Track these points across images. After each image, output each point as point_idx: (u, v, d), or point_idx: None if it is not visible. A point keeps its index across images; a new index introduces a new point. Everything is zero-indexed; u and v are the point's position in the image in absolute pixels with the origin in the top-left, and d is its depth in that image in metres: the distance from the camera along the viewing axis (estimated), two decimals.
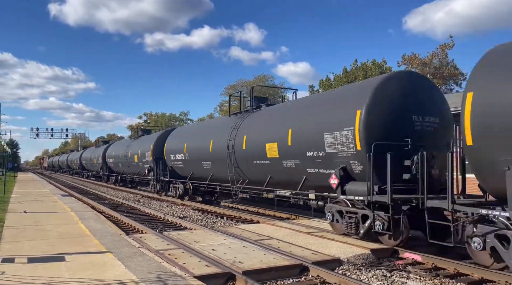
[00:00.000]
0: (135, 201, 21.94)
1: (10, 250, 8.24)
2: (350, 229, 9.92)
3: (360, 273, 7.52)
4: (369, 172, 9.10)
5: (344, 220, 10.02)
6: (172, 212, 17.30)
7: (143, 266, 7.02)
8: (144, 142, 27.76)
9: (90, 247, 8.65)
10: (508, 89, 6.63)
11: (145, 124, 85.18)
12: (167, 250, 8.51)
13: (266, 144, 13.17)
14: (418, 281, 7.11)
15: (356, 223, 9.79)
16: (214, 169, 17.33)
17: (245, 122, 15.33)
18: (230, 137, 15.43)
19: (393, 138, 9.17)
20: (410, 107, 9.58)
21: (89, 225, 11.64)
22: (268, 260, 7.72)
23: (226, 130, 15.97)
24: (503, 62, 7.07)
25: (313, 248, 8.80)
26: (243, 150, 14.63)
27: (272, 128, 13.20)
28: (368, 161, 9.04)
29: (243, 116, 15.89)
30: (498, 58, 7.25)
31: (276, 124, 13.14)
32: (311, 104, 12.29)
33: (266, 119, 14.21)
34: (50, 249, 8.41)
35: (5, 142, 36.06)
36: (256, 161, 13.96)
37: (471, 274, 7.39)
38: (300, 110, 12.39)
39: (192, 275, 6.63)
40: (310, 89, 44.18)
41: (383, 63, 39.08)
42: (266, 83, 58.04)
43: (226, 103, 63.20)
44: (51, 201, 19.38)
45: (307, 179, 11.72)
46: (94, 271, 6.69)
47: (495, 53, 7.41)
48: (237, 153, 15.06)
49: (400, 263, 8.21)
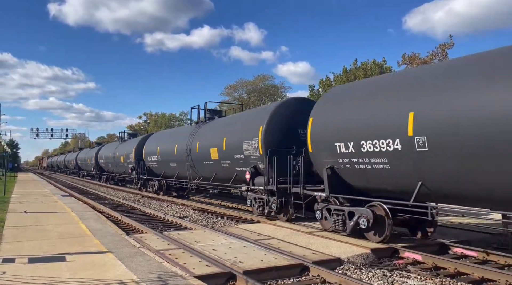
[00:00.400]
0: (135, 201, 21.95)
1: (11, 250, 8.25)
2: (260, 211, 13.61)
3: (360, 272, 7.53)
4: (265, 169, 12.99)
5: (256, 204, 13.81)
6: (172, 212, 17.31)
7: (143, 266, 7.03)
8: (128, 145, 31.28)
9: (91, 247, 8.66)
10: (323, 117, 10.47)
11: (145, 124, 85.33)
12: (168, 250, 8.52)
13: (210, 149, 16.85)
14: (419, 280, 7.12)
15: (262, 206, 13.43)
16: (179, 168, 20.86)
17: (199, 130, 19.02)
18: (188, 142, 19.11)
19: (283, 145, 12.82)
20: (296, 123, 13.01)
21: (90, 225, 11.65)
22: (268, 260, 7.73)
23: (186, 137, 19.65)
24: (328, 100, 10.97)
25: (313, 247, 8.81)
26: (196, 153, 18.26)
27: (215, 137, 16.91)
28: (265, 161, 12.79)
29: (199, 126, 19.60)
30: (327, 96, 11.27)
31: (217, 133, 16.90)
32: (237, 120, 16.63)
33: (212, 129, 17.98)
34: (50, 249, 8.42)
35: (5, 142, 36.02)
36: (205, 162, 17.62)
37: (472, 273, 7.40)
38: (231, 124, 16.57)
39: (192, 275, 6.64)
40: (310, 89, 44.15)
41: (383, 63, 39.10)
42: (266, 83, 58.05)
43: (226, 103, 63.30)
44: (51, 201, 19.39)
45: (237, 175, 15.35)
46: (94, 271, 6.70)
47: (328, 93, 11.61)
48: (193, 155, 18.67)
49: (400, 262, 8.22)
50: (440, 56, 34.05)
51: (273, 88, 58.25)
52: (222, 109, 43.83)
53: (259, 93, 57.31)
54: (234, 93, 59.35)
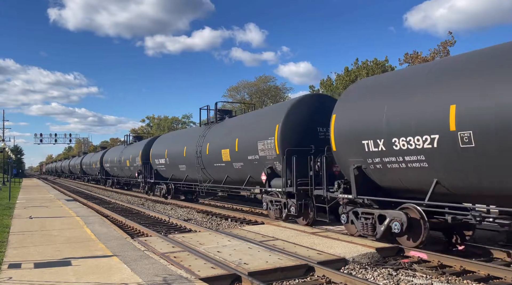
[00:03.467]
0: (140, 205, 22.00)
1: (17, 256, 8.28)
2: (277, 215, 12.98)
3: (365, 272, 7.52)
4: (283, 170, 12.26)
5: (273, 207, 13.12)
6: (176, 214, 17.34)
7: (149, 269, 7.04)
8: (134, 148, 30.88)
9: (96, 251, 8.68)
10: (349, 114, 9.78)
11: (148, 128, 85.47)
12: (173, 253, 8.54)
13: (222, 150, 16.30)
14: (424, 279, 7.10)
15: (280, 209, 12.86)
16: (188, 171, 20.43)
17: (209, 132, 18.47)
18: (198, 144, 18.64)
19: (302, 145, 12.17)
20: (315, 121, 12.60)
21: (95, 229, 11.68)
22: (273, 261, 7.73)
23: (196, 138, 19.19)
24: (353, 94, 10.25)
25: (318, 248, 8.80)
26: (207, 155, 17.77)
27: (226, 138, 16.34)
28: (283, 162, 12.19)
29: (209, 127, 19.07)
30: (352, 91, 10.52)
31: (228, 134, 16.31)
32: (250, 119, 15.84)
33: (222, 130, 17.32)
34: (56, 254, 8.45)
35: (9, 148, 36.20)
36: (216, 164, 17.08)
37: (477, 271, 7.37)
38: (244, 124, 15.94)
39: (198, 277, 6.64)
40: (311, 89, 44.16)
41: (385, 62, 39.04)
42: (268, 84, 58.09)
43: (228, 104, 63.37)
44: (56, 206, 19.45)
45: (250, 177, 14.74)
46: (100, 275, 6.72)
47: (353, 87, 10.83)
48: (203, 157, 18.19)
49: (405, 261, 8.20)
50: (442, 54, 33.98)
51: (275, 89, 58.31)
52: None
53: (261, 94, 57.36)
54: (236, 95, 59.44)
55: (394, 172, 8.70)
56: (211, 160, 17.45)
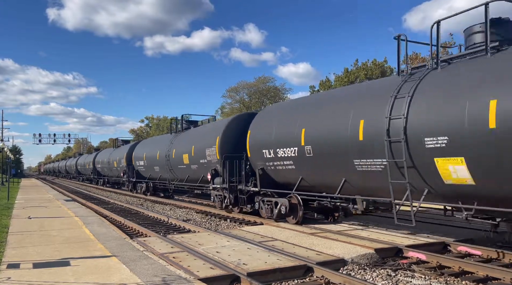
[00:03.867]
0: (138, 205, 21.99)
1: (16, 256, 8.28)
2: (220, 203, 16.49)
3: (364, 273, 7.53)
4: (221, 171, 15.74)
5: (217, 198, 16.70)
6: (175, 215, 17.33)
7: (148, 269, 7.05)
8: (121, 151, 34.67)
9: (95, 251, 8.68)
10: (257, 132, 14.04)
11: (147, 128, 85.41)
12: (172, 253, 8.54)
13: (183, 155, 20.12)
14: (423, 280, 7.11)
15: (221, 200, 16.39)
16: (161, 171, 24.04)
17: (176, 139, 22.34)
18: (168, 149, 22.49)
19: (236, 152, 15.50)
20: (246, 134, 14.94)
21: (93, 230, 11.68)
22: (272, 261, 7.74)
23: (167, 144, 23.06)
24: (260, 116, 14.65)
25: (317, 248, 8.81)
26: (173, 158, 21.47)
27: (186, 145, 20.07)
28: (222, 165, 15.59)
29: (176, 135, 23.08)
30: (261, 114, 14.99)
31: (188, 142, 20.12)
32: (202, 131, 19.75)
33: (185, 138, 21.16)
34: (55, 254, 8.44)
35: (8, 148, 36.17)
36: (180, 165, 20.84)
37: (476, 272, 7.39)
38: (198, 134, 19.65)
39: (197, 277, 6.65)
40: (311, 90, 44.19)
41: (384, 63, 39.11)
42: (267, 85, 58.10)
43: (228, 105, 63.25)
44: (55, 206, 19.44)
45: (203, 176, 18.11)
46: (99, 275, 6.72)
47: (262, 111, 15.44)
48: (171, 160, 21.88)
49: (404, 262, 8.21)
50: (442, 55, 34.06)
51: (274, 90, 58.37)
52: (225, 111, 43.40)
53: (260, 95, 57.39)
54: (236, 96, 59.47)
55: (280, 172, 12.88)
56: (176, 163, 21.16)
